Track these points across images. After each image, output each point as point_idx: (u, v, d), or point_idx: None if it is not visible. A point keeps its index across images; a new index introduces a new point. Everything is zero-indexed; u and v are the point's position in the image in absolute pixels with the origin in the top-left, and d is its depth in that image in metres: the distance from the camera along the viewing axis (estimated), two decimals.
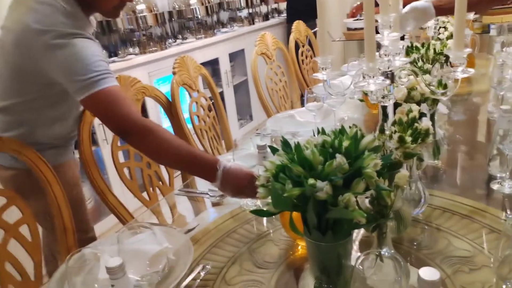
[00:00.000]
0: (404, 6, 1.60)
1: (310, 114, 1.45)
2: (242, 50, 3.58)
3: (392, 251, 0.67)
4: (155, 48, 2.80)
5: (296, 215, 0.63)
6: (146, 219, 1.13)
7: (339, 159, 0.55)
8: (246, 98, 3.55)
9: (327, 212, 0.55)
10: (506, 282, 0.55)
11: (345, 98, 1.32)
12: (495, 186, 0.95)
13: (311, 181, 0.53)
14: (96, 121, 1.75)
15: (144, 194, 1.33)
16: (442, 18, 1.74)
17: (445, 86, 0.97)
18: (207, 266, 0.83)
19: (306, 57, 2.47)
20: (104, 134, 2.26)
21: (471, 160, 1.24)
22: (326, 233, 0.58)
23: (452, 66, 0.87)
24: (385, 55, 0.87)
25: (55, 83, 1.05)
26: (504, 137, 0.92)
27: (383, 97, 0.88)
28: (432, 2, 1.39)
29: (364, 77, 0.81)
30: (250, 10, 3.70)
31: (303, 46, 2.48)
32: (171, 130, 1.60)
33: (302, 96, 2.19)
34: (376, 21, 0.84)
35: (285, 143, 0.63)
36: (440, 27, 1.69)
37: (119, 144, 1.32)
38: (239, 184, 0.98)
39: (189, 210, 1.18)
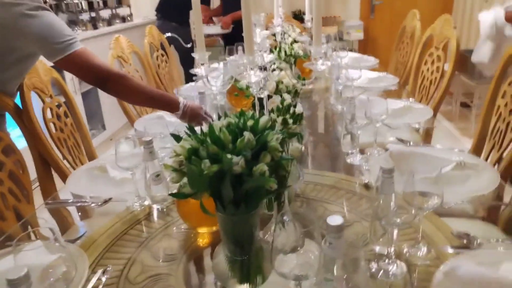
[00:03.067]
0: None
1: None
2: None
3: (290, 217, 0.76)
4: None
5: (205, 199, 0.67)
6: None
7: (248, 135, 0.61)
8: (96, 106, 3.30)
9: (243, 184, 0.60)
10: (381, 221, 0.70)
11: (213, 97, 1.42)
12: (348, 160, 1.16)
13: (229, 155, 0.57)
14: None
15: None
16: (285, 27, 1.99)
17: (303, 79, 1.15)
18: (108, 269, 0.78)
19: (162, 62, 2.47)
20: None
21: (325, 142, 1.47)
22: (240, 206, 0.63)
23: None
24: (259, 50, 0.98)
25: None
26: (352, 120, 1.14)
27: (259, 89, 0.99)
28: None
29: (245, 71, 0.90)
30: (93, 14, 3.46)
31: (157, 51, 2.47)
32: (22, 139, 1.41)
33: None
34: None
35: (191, 130, 0.66)
36: (285, 33, 1.93)
37: None
38: (195, 112, 1.31)
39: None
